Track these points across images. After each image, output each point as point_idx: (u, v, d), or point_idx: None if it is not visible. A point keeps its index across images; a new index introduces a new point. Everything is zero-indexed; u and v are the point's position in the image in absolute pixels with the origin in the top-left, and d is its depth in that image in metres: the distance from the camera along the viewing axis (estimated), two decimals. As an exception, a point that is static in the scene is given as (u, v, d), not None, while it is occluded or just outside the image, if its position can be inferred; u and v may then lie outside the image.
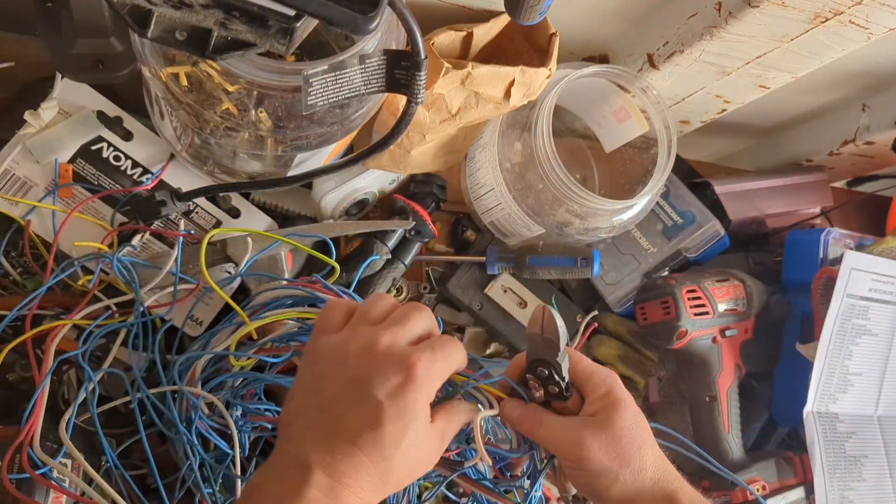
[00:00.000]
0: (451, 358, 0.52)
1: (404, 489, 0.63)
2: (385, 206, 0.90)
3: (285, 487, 0.47)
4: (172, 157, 0.78)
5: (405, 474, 0.50)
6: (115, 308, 0.71)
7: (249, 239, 0.74)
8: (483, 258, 0.90)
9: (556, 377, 0.57)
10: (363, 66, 0.58)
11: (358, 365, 0.49)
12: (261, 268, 0.75)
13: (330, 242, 0.75)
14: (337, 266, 0.74)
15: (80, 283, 0.71)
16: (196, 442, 0.64)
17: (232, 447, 0.64)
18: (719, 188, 0.98)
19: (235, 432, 0.63)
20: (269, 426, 0.67)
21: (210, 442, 0.65)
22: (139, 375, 0.66)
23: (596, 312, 0.93)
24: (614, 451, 0.55)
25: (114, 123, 0.77)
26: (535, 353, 0.57)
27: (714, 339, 0.87)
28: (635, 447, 0.56)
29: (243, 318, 0.67)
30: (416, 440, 0.49)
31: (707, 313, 0.86)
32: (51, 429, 0.61)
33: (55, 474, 0.59)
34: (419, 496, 0.69)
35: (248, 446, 0.67)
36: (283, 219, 0.86)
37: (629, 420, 0.56)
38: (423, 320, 0.53)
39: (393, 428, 0.48)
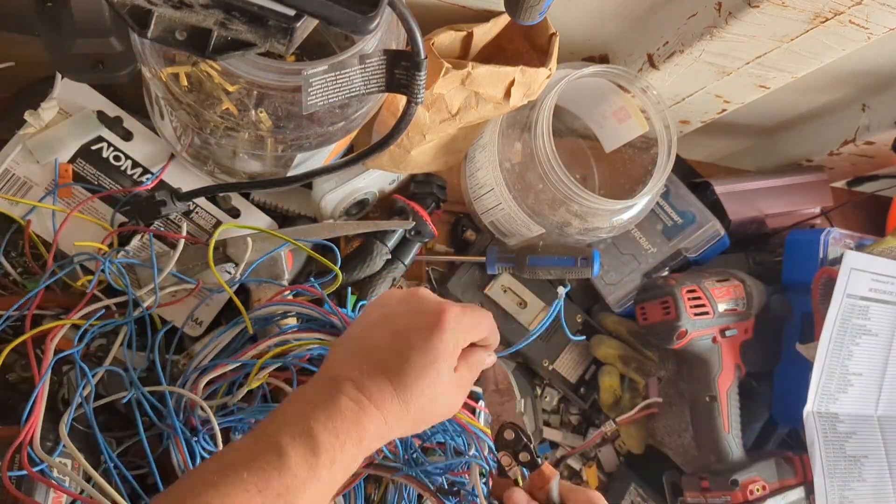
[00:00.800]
0: (481, 321, 0.58)
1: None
2: (385, 206, 0.90)
3: (320, 393, 0.52)
4: (172, 157, 0.78)
5: (426, 410, 0.55)
6: (114, 308, 0.71)
7: (249, 239, 0.74)
8: (483, 258, 0.90)
9: (522, 436, 0.59)
10: (363, 66, 0.58)
11: (400, 313, 0.57)
12: (261, 268, 0.75)
13: (335, 248, 0.75)
14: (339, 273, 0.74)
15: (79, 283, 0.71)
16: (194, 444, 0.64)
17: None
18: (719, 188, 0.98)
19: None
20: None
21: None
22: (133, 374, 0.66)
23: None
24: None
25: (114, 123, 0.77)
26: (496, 415, 0.61)
27: (714, 339, 0.87)
28: None
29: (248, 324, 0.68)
30: (438, 379, 0.54)
31: (707, 313, 0.86)
32: (51, 428, 0.61)
33: (55, 473, 0.59)
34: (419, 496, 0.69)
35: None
36: (283, 219, 0.85)
37: None
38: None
39: (418, 362, 0.54)
